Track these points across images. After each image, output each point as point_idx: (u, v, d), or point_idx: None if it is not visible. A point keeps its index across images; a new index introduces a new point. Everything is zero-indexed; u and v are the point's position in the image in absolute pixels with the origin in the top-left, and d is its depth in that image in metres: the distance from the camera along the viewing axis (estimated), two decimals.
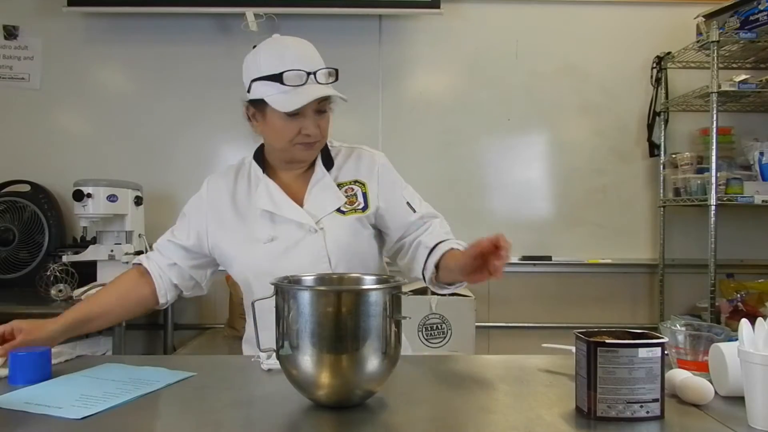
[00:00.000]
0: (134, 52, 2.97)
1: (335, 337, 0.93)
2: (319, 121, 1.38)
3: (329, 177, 1.46)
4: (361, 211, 1.44)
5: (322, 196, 1.43)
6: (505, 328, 2.96)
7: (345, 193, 1.45)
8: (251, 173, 1.51)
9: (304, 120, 1.36)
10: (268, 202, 1.42)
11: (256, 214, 1.43)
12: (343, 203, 1.43)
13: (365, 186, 1.46)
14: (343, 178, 1.47)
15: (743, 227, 2.92)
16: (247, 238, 1.42)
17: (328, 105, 1.39)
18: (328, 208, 1.42)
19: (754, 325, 0.93)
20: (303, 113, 1.35)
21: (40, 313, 2.33)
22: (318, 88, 1.33)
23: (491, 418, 0.97)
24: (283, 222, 1.40)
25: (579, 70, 2.98)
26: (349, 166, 1.49)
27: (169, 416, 0.99)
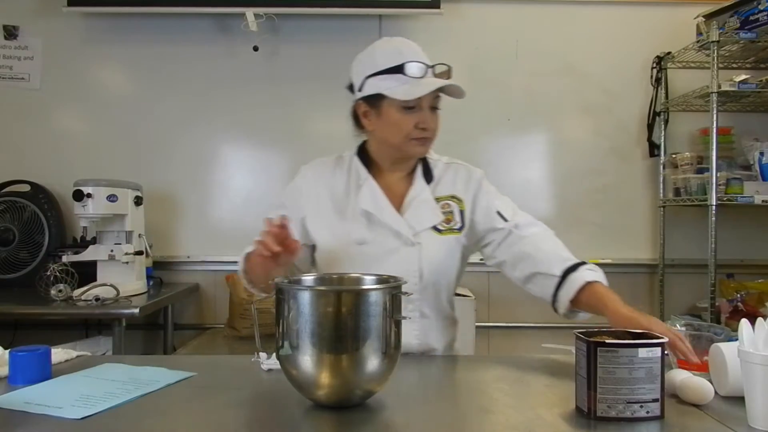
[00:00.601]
0: (134, 52, 2.97)
1: (335, 337, 0.93)
2: (431, 118, 1.39)
3: (428, 191, 1.46)
4: (458, 231, 1.46)
5: (420, 209, 1.44)
6: (505, 328, 2.96)
7: (442, 209, 1.46)
8: (352, 170, 1.49)
9: (422, 113, 1.38)
10: (371, 203, 1.42)
11: (355, 213, 1.42)
12: (441, 221, 1.44)
13: (462, 203, 1.48)
14: (441, 193, 1.48)
15: (743, 227, 2.91)
16: (341, 235, 1.41)
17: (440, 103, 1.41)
18: (425, 224, 1.43)
19: (754, 325, 0.93)
20: (420, 107, 1.37)
21: (40, 313, 2.34)
22: (437, 80, 1.36)
23: (491, 418, 0.97)
24: (380, 227, 1.40)
25: (579, 70, 2.98)
26: (447, 180, 1.50)
27: (169, 416, 0.99)
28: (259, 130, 2.96)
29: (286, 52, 2.94)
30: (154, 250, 2.74)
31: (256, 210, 2.96)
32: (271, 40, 2.90)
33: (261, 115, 2.95)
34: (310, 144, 2.91)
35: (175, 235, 2.96)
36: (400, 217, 1.41)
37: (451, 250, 1.44)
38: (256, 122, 2.95)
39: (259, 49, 2.88)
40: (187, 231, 2.96)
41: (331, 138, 3.05)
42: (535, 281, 1.41)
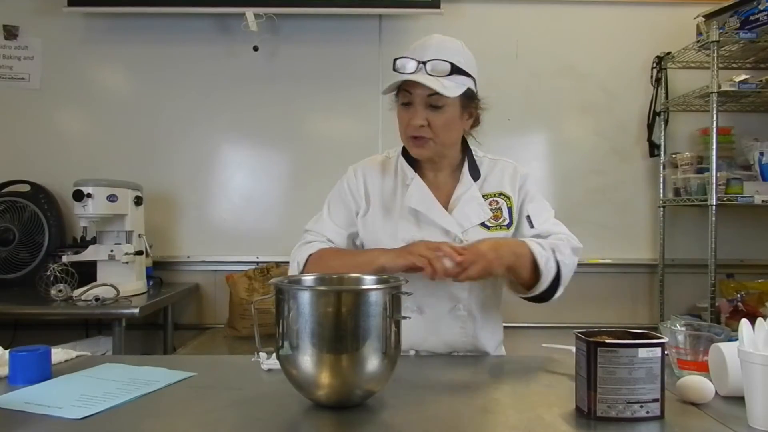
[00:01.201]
0: (134, 52, 2.97)
1: (335, 337, 0.93)
2: (431, 116, 1.36)
3: (475, 187, 1.46)
4: (506, 227, 1.44)
5: (468, 207, 1.43)
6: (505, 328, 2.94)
7: (490, 206, 1.44)
8: (399, 169, 1.49)
9: (413, 110, 1.36)
10: (419, 202, 1.41)
11: (404, 211, 1.42)
12: (489, 218, 1.43)
13: (510, 200, 1.47)
14: (488, 190, 1.47)
15: (743, 227, 2.91)
16: (390, 234, 1.41)
17: (449, 102, 1.36)
18: (473, 221, 1.42)
19: (754, 325, 0.93)
20: (413, 103, 1.35)
21: (40, 313, 2.34)
22: (416, 76, 1.32)
23: (491, 418, 0.97)
24: (428, 225, 1.40)
25: (579, 70, 2.98)
26: (495, 177, 1.49)
27: (169, 416, 0.99)
28: (259, 130, 2.96)
29: (286, 52, 2.94)
30: (154, 250, 2.74)
31: (256, 210, 2.97)
32: (271, 40, 2.90)
33: (261, 115, 2.95)
34: (310, 144, 2.91)
35: (175, 235, 2.96)
36: (448, 214, 1.41)
37: None
38: (256, 122, 2.95)
39: (259, 49, 2.88)
40: (187, 231, 2.96)
41: (331, 138, 3.08)
42: None
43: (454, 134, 1.43)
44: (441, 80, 1.33)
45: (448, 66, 1.33)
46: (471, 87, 1.40)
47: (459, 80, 1.36)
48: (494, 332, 1.52)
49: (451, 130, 1.41)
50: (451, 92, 1.33)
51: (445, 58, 1.34)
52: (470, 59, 1.42)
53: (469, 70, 1.39)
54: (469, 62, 1.40)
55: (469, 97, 1.41)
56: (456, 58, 1.35)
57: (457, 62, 1.35)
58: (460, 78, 1.36)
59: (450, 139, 1.42)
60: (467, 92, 1.38)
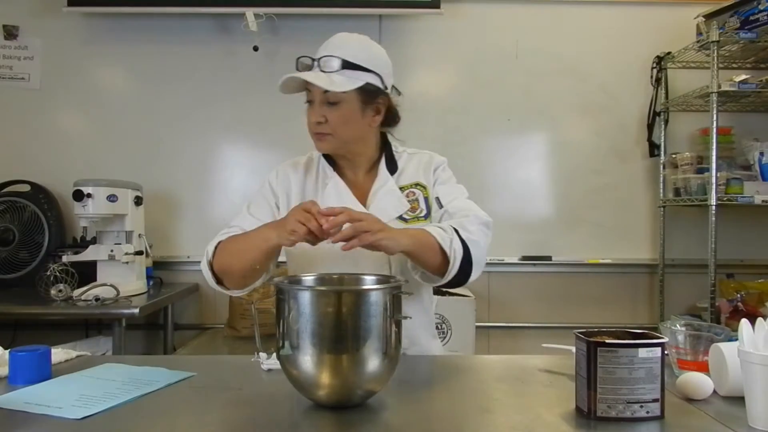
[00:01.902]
0: (134, 52, 2.97)
1: (336, 337, 0.93)
2: (328, 112, 1.36)
3: (392, 181, 1.46)
4: (424, 218, 1.44)
5: (385, 201, 1.43)
6: (505, 328, 2.96)
7: (407, 197, 1.44)
8: (320, 170, 1.50)
9: (312, 108, 1.37)
10: (336, 201, 1.41)
11: None
12: (406, 210, 1.43)
13: (426, 189, 1.47)
14: (405, 181, 1.47)
15: (743, 227, 2.91)
16: None
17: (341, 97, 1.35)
18: (391, 214, 1.41)
19: (754, 325, 0.93)
20: (312, 102, 1.37)
21: (40, 313, 2.34)
22: (304, 73, 1.34)
23: (491, 418, 0.97)
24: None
25: (579, 70, 2.98)
26: (411, 168, 1.49)
27: (169, 416, 0.98)
28: (259, 130, 2.96)
29: (286, 52, 2.93)
30: (154, 250, 2.74)
31: None
32: (271, 40, 2.90)
33: (261, 115, 2.95)
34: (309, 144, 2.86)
35: (175, 235, 2.96)
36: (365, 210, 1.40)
37: None
38: (256, 122, 2.95)
39: (259, 49, 2.88)
40: (187, 231, 2.96)
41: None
42: None
43: (355, 129, 1.40)
44: (331, 76, 1.32)
45: (338, 61, 1.33)
46: (371, 82, 1.36)
47: (352, 75, 1.34)
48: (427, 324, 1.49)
49: (350, 125, 1.38)
50: (339, 87, 1.32)
51: (337, 55, 1.34)
52: (375, 54, 1.40)
53: (369, 65, 1.36)
54: (372, 57, 1.38)
55: (369, 92, 1.37)
56: (351, 53, 1.35)
57: (352, 57, 1.34)
58: (355, 73, 1.34)
59: (351, 134, 1.40)
60: (367, 87, 1.36)
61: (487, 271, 1.53)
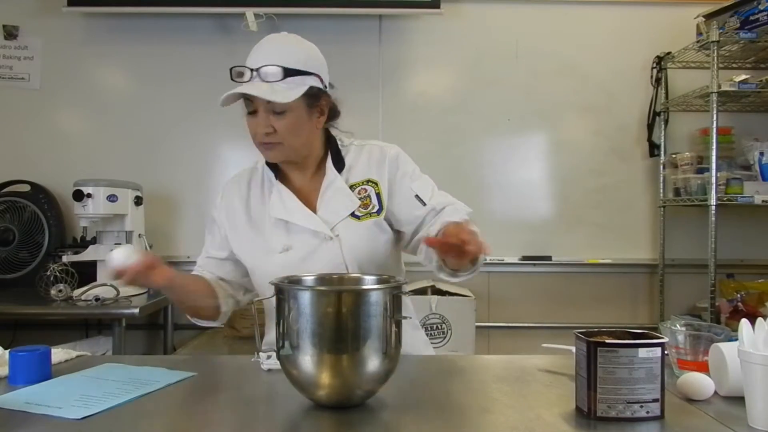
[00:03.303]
0: (134, 52, 2.97)
1: (336, 337, 0.93)
2: (275, 122, 1.31)
3: (341, 179, 1.41)
4: (376, 214, 1.39)
5: (335, 200, 1.39)
6: (505, 328, 2.96)
7: (358, 195, 1.40)
8: (264, 178, 1.46)
9: (256, 118, 1.32)
10: (282, 210, 1.38)
11: (271, 222, 1.39)
12: (357, 207, 1.38)
13: (378, 185, 1.41)
14: (355, 179, 1.42)
15: (743, 227, 2.91)
16: (262, 247, 1.38)
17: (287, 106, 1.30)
18: (342, 213, 1.38)
19: (754, 325, 0.93)
20: (257, 112, 1.32)
21: (40, 313, 2.34)
22: (246, 86, 1.29)
23: (491, 418, 0.97)
24: (297, 230, 1.37)
25: (579, 70, 2.98)
26: (361, 164, 1.44)
27: (169, 416, 0.99)
28: None
29: None
30: (154, 250, 2.74)
31: None
32: None
33: None
34: None
35: (175, 235, 2.96)
36: (312, 215, 1.37)
37: (372, 234, 1.38)
38: None
39: None
40: (187, 231, 2.96)
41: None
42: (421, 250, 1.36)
43: (304, 135, 1.37)
44: (274, 86, 1.28)
45: (280, 70, 1.28)
46: (314, 84, 1.32)
47: (295, 81, 1.29)
48: None
49: (300, 131, 1.35)
50: (285, 97, 1.27)
51: (276, 63, 1.28)
52: (311, 55, 1.36)
53: (308, 67, 1.32)
54: (310, 59, 1.34)
55: (313, 95, 1.33)
56: (290, 59, 1.29)
57: (292, 63, 1.29)
58: (296, 79, 1.29)
59: (300, 141, 1.37)
60: (310, 91, 1.31)
61: (487, 271, 1.54)
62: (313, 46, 1.39)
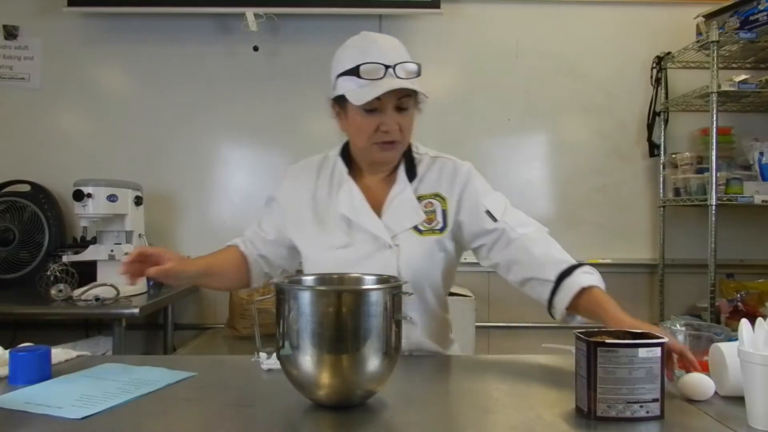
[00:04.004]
0: (134, 52, 2.97)
1: (336, 337, 0.93)
2: (400, 120, 1.32)
3: (410, 189, 1.41)
4: (439, 231, 1.39)
5: (401, 210, 1.39)
6: (505, 328, 2.96)
7: (424, 208, 1.40)
8: (335, 171, 1.45)
9: (383, 116, 1.31)
10: (349, 207, 1.38)
11: (335, 216, 1.39)
12: (422, 221, 1.38)
13: (445, 202, 1.41)
14: (424, 191, 1.42)
15: (743, 227, 2.91)
16: (322, 240, 1.38)
17: (412, 103, 1.33)
18: (405, 225, 1.37)
19: (754, 325, 0.93)
20: (382, 109, 1.30)
21: (40, 313, 2.34)
22: (393, 82, 1.27)
23: (491, 418, 0.97)
24: (359, 231, 1.37)
25: (579, 70, 2.98)
26: (431, 177, 1.44)
27: (169, 416, 0.99)
28: (259, 130, 2.96)
29: (286, 52, 2.94)
30: None
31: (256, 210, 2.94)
32: (271, 40, 2.90)
33: (261, 115, 2.95)
34: (309, 144, 2.87)
35: (175, 235, 2.96)
36: (378, 219, 1.37)
37: (431, 251, 1.38)
38: (256, 122, 2.95)
39: (259, 49, 2.88)
40: (187, 231, 2.96)
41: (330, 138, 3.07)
42: (530, 285, 1.37)
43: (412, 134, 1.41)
44: (413, 81, 1.30)
45: (416, 67, 1.30)
46: None
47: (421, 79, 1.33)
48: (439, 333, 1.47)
49: (412, 130, 1.39)
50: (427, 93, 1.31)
51: (409, 60, 1.31)
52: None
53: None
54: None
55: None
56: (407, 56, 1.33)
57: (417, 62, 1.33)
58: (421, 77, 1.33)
59: (409, 140, 1.40)
60: None
61: (487, 271, 1.53)
62: None
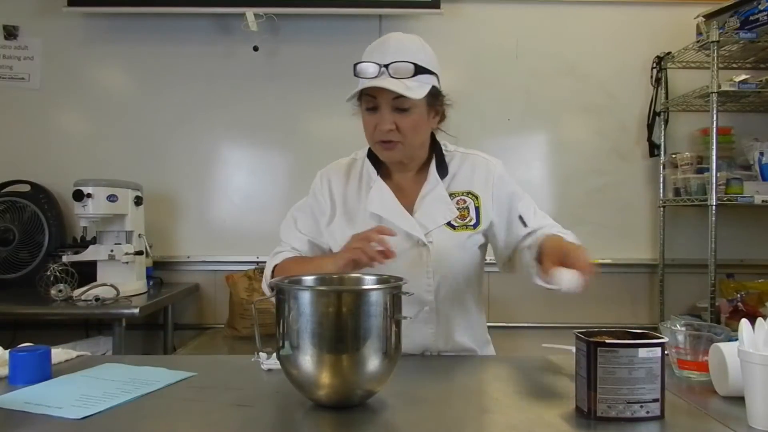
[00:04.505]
0: (134, 52, 2.97)
1: (336, 337, 0.93)
2: (398, 119, 1.32)
3: (442, 186, 1.41)
4: (473, 228, 1.40)
5: (433, 207, 1.39)
6: (505, 328, 2.96)
7: (457, 204, 1.40)
8: (364, 172, 1.46)
9: (380, 115, 1.32)
10: (380, 206, 1.39)
11: (365, 216, 1.39)
12: (455, 217, 1.39)
13: (478, 199, 1.42)
14: (456, 188, 1.42)
15: (743, 227, 2.91)
16: None
17: (415, 103, 1.32)
18: (439, 221, 1.38)
19: (754, 325, 0.93)
20: (380, 109, 1.32)
21: (40, 313, 2.34)
22: (377, 81, 1.28)
23: (491, 418, 0.97)
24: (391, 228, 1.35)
25: (579, 71, 2.98)
26: (464, 174, 1.44)
27: (169, 416, 0.99)
28: (259, 130, 2.96)
29: (286, 52, 2.94)
30: (154, 250, 2.74)
31: (256, 210, 2.97)
32: (271, 40, 2.90)
33: (261, 115, 2.95)
34: (310, 144, 2.91)
35: (175, 235, 2.96)
36: (410, 217, 1.38)
37: (465, 246, 1.39)
38: (256, 122, 2.95)
39: (259, 49, 2.88)
40: (187, 231, 2.96)
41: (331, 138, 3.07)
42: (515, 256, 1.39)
43: (422, 135, 1.39)
44: (405, 82, 1.28)
45: (412, 67, 1.29)
46: (435, 85, 1.35)
47: (423, 80, 1.31)
48: (474, 331, 1.49)
49: (420, 131, 1.37)
50: (417, 94, 1.29)
51: (406, 59, 1.29)
52: (431, 56, 1.37)
53: (431, 67, 1.34)
54: (431, 59, 1.36)
55: (434, 95, 1.36)
56: (418, 57, 1.31)
57: (420, 61, 1.31)
58: (424, 77, 1.31)
59: (419, 140, 1.39)
60: (432, 90, 1.34)
61: (487, 271, 1.53)
62: (429, 47, 1.39)
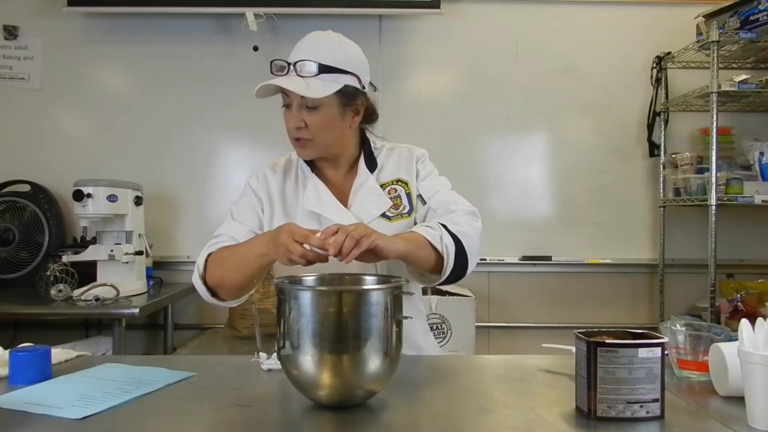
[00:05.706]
0: (134, 52, 2.97)
1: (336, 337, 0.93)
2: (308, 117, 1.33)
3: (372, 178, 1.44)
4: (407, 215, 1.42)
5: (366, 199, 1.41)
6: (505, 328, 2.96)
7: (389, 194, 1.42)
8: (299, 170, 1.48)
9: (289, 113, 1.35)
10: (316, 203, 1.40)
11: (303, 214, 1.40)
12: (389, 207, 1.41)
13: (408, 185, 1.44)
14: (386, 178, 1.45)
15: (743, 227, 2.92)
16: None
17: (320, 102, 1.32)
18: (373, 213, 1.39)
19: (754, 325, 0.93)
20: (291, 106, 1.34)
21: (40, 313, 2.34)
22: (283, 79, 1.31)
23: (491, 418, 0.97)
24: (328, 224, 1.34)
25: (579, 71, 2.98)
26: (391, 164, 1.47)
27: (169, 416, 0.98)
28: (258, 129, 2.96)
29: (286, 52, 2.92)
30: (154, 250, 2.74)
31: None
32: (271, 40, 2.90)
33: (261, 115, 2.94)
34: None
35: (175, 235, 2.96)
36: (346, 211, 1.39)
37: None
38: (256, 122, 2.95)
39: (259, 49, 2.88)
40: (187, 231, 2.96)
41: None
42: None
43: (335, 133, 1.38)
44: (308, 81, 1.29)
45: (314, 65, 1.30)
46: (350, 83, 1.34)
47: (330, 78, 1.31)
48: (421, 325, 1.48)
49: (331, 129, 1.37)
50: (317, 93, 1.29)
51: (312, 58, 1.30)
52: (351, 55, 1.36)
53: (345, 66, 1.33)
54: (348, 58, 1.35)
55: (348, 94, 1.35)
56: (328, 56, 1.31)
57: (328, 60, 1.31)
58: (332, 76, 1.31)
59: (331, 139, 1.38)
60: (346, 89, 1.33)
61: (487, 271, 1.53)
62: (355, 46, 1.40)
